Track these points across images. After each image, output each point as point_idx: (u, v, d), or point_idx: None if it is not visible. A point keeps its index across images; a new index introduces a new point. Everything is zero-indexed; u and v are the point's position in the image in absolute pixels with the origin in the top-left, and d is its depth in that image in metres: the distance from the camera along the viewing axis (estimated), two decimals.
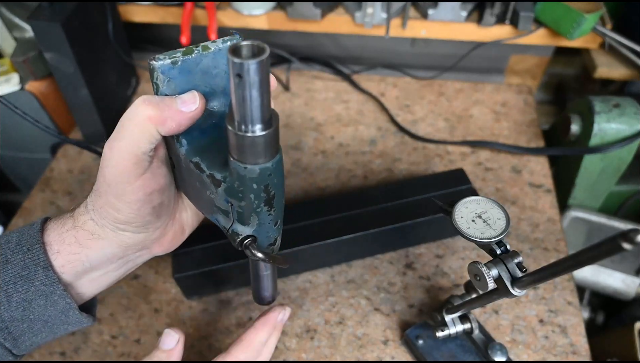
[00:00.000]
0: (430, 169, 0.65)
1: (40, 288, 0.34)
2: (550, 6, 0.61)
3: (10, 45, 0.65)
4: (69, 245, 0.35)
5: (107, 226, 0.35)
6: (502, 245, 0.36)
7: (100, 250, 0.36)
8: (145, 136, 0.31)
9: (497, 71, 0.77)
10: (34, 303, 0.35)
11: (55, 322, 0.36)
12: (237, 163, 0.28)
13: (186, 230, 0.41)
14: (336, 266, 0.55)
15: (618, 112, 0.59)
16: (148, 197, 0.34)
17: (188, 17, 0.67)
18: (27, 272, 0.34)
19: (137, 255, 0.39)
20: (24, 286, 0.34)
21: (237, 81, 0.24)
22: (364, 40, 0.75)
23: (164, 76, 0.31)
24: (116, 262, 0.37)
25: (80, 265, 0.35)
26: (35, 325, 0.36)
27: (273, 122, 0.27)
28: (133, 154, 0.31)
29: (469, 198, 0.38)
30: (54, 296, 0.35)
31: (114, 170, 0.32)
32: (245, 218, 0.32)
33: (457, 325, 0.45)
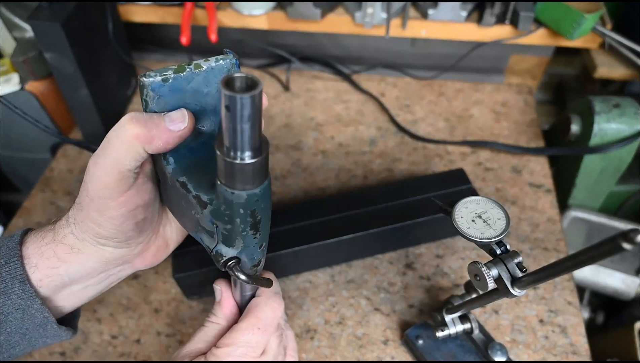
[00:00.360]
0: (430, 169, 0.65)
1: (17, 302, 0.34)
2: (550, 6, 0.61)
3: (10, 45, 0.65)
4: (48, 259, 0.34)
5: (87, 240, 0.34)
6: (502, 245, 0.36)
7: (79, 265, 0.35)
8: (131, 154, 0.30)
9: (497, 71, 0.77)
10: (10, 317, 0.34)
11: (33, 335, 0.36)
12: (224, 187, 0.28)
13: (170, 245, 0.40)
14: (336, 266, 0.55)
15: (618, 112, 0.59)
16: (131, 213, 0.33)
17: (188, 17, 0.67)
18: (4, 285, 0.33)
19: (118, 269, 0.38)
20: (1, 299, 0.33)
21: (227, 113, 0.24)
22: (364, 40, 0.75)
23: (153, 93, 0.30)
24: (97, 276, 0.37)
25: (59, 280, 0.35)
26: (12, 338, 0.35)
27: (263, 150, 0.27)
28: (117, 170, 0.31)
29: (469, 199, 0.38)
30: (31, 310, 0.34)
31: (97, 186, 0.31)
32: (230, 241, 0.32)
33: (457, 325, 0.45)
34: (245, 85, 0.25)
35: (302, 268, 0.55)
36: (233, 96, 0.23)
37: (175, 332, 0.51)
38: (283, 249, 0.50)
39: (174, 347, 0.50)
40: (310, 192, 0.63)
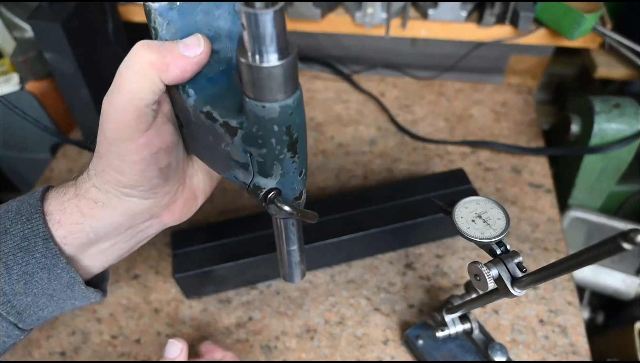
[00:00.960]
0: (430, 169, 0.65)
1: (42, 260, 0.32)
2: (550, 6, 0.61)
3: (10, 45, 0.65)
4: (71, 214, 0.32)
5: (111, 191, 0.32)
6: (502, 245, 0.36)
7: (105, 220, 0.33)
8: (147, 85, 0.28)
9: (497, 71, 0.77)
10: (35, 277, 0.32)
11: (61, 297, 0.34)
12: (254, 102, 0.25)
13: (199, 197, 0.37)
14: (336, 266, 0.55)
15: (618, 112, 0.59)
16: (154, 157, 0.31)
17: None
18: (27, 243, 0.32)
19: (146, 224, 0.35)
20: (24, 258, 0.32)
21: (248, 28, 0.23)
22: (364, 40, 0.75)
23: (162, 19, 0.28)
24: (124, 232, 0.34)
25: (84, 236, 0.33)
26: (39, 300, 0.33)
27: (290, 51, 0.24)
28: (134, 106, 0.28)
29: (469, 199, 0.38)
30: (56, 269, 0.32)
31: (115, 125, 0.29)
32: (267, 169, 0.29)
33: (457, 325, 0.45)
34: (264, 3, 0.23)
35: None
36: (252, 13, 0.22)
37: (175, 332, 0.51)
38: None
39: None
40: (310, 192, 0.63)
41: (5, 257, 0.32)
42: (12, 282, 0.32)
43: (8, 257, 0.32)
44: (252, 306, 0.53)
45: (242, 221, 0.53)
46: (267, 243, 0.51)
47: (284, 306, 0.52)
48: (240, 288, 0.54)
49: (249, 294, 0.54)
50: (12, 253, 0.32)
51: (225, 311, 0.52)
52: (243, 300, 0.53)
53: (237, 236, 0.51)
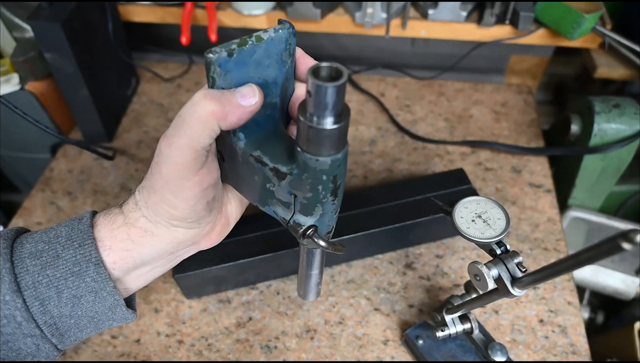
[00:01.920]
0: (430, 169, 0.65)
1: (91, 284, 0.34)
2: (550, 6, 0.61)
3: (10, 45, 0.65)
4: (122, 241, 0.35)
5: (161, 223, 0.34)
6: (502, 245, 0.36)
7: (152, 247, 0.35)
8: (207, 131, 0.30)
9: (497, 71, 0.77)
10: (83, 300, 0.34)
11: (102, 318, 0.36)
12: (308, 155, 0.28)
13: (231, 223, 0.40)
14: (336, 266, 0.55)
15: (618, 112, 0.59)
16: (204, 192, 0.33)
17: (188, 17, 0.67)
18: (79, 268, 0.34)
19: (186, 250, 0.38)
20: (75, 282, 0.34)
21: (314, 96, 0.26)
22: (364, 40, 0.75)
23: (220, 69, 0.30)
24: (166, 257, 0.37)
25: (131, 262, 0.35)
26: (81, 321, 0.35)
27: (345, 115, 0.28)
28: (193, 149, 0.31)
29: (469, 199, 0.38)
30: (103, 292, 0.34)
31: (174, 166, 0.31)
32: (309, 209, 0.32)
33: (457, 325, 0.45)
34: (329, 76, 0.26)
35: None
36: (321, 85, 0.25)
37: (175, 332, 0.51)
38: (283, 249, 0.50)
39: (174, 347, 0.50)
40: None
41: (57, 281, 0.33)
42: (60, 305, 0.34)
43: (60, 281, 0.33)
44: (252, 306, 0.53)
45: (242, 221, 0.53)
46: (267, 243, 0.51)
47: (284, 306, 0.52)
48: (240, 288, 0.54)
49: (249, 294, 0.54)
50: (63, 278, 0.33)
51: (226, 311, 0.52)
52: (243, 300, 0.53)
53: (237, 236, 0.51)
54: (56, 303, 0.34)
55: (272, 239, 0.51)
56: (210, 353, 0.49)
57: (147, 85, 0.78)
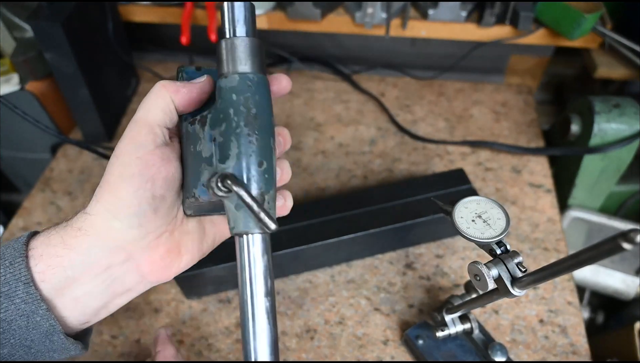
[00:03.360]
0: (430, 169, 0.65)
1: (21, 307, 0.31)
2: (550, 6, 0.61)
3: (10, 45, 0.65)
4: (54, 247, 0.32)
5: (99, 214, 0.32)
6: (502, 245, 0.36)
7: (84, 252, 0.32)
8: (161, 104, 0.33)
9: (497, 71, 0.77)
10: (14, 325, 0.31)
11: (40, 348, 0.33)
12: (221, 79, 0.30)
13: (182, 255, 0.36)
14: (336, 266, 0.55)
15: (618, 112, 0.59)
16: (151, 179, 0.32)
17: (188, 17, 0.67)
18: (7, 288, 0.31)
19: (123, 269, 0.34)
20: (4, 304, 0.31)
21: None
22: (364, 40, 0.75)
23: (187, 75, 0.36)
24: (100, 275, 0.33)
25: (61, 273, 0.32)
26: (16, 352, 0.33)
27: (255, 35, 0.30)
28: (148, 123, 0.33)
29: (469, 199, 0.38)
30: (36, 316, 0.32)
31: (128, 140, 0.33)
32: (225, 150, 0.29)
33: (457, 325, 0.45)
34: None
35: (302, 268, 0.55)
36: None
37: (175, 332, 0.51)
38: (283, 249, 0.50)
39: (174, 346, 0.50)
40: (311, 192, 0.63)
41: None
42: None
43: None
44: None
45: None
46: None
47: (284, 306, 0.52)
48: None
49: None
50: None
51: (225, 311, 0.52)
52: None
53: None
54: None
55: (272, 239, 0.51)
56: (210, 353, 0.49)
57: (147, 85, 0.78)
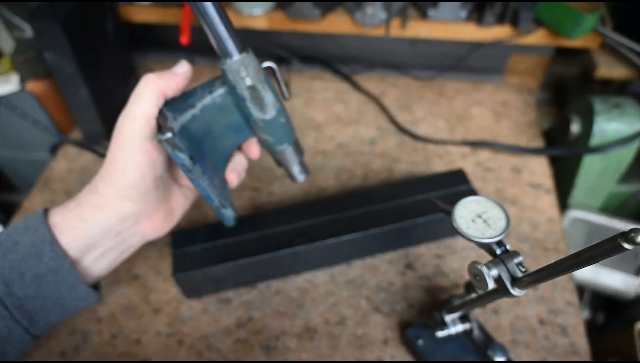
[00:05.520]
0: (430, 169, 0.65)
1: (50, 264, 0.37)
2: (550, 6, 0.61)
3: (10, 45, 0.65)
4: (74, 222, 0.39)
5: (110, 194, 0.39)
6: (502, 245, 0.36)
7: (100, 223, 0.39)
8: (152, 95, 0.38)
9: (497, 71, 0.77)
10: (44, 280, 0.37)
11: (66, 299, 0.39)
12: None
13: (175, 215, 0.46)
14: (336, 266, 0.55)
15: (618, 112, 0.59)
16: (153, 164, 0.39)
17: (188, 17, 0.67)
18: (36, 250, 0.37)
19: (131, 232, 0.42)
20: (35, 263, 0.37)
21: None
22: (363, 41, 0.75)
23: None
24: (114, 239, 0.41)
25: (82, 241, 0.39)
26: (48, 303, 0.38)
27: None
28: (144, 115, 0.38)
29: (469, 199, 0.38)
30: (62, 271, 0.38)
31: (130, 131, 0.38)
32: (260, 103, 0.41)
33: (457, 325, 0.45)
34: None
35: (302, 268, 0.55)
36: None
37: (175, 332, 0.51)
38: (283, 249, 0.50)
39: (174, 347, 0.50)
40: (310, 192, 0.63)
41: (18, 264, 0.37)
42: (24, 287, 0.37)
43: (20, 264, 0.37)
44: (252, 306, 0.53)
45: (242, 221, 0.53)
46: (267, 243, 0.51)
47: (283, 306, 0.52)
48: (240, 288, 0.54)
49: (249, 294, 0.54)
50: (24, 260, 0.37)
51: (225, 311, 0.52)
52: (243, 300, 0.53)
53: (236, 236, 0.51)
54: (20, 285, 0.37)
55: (272, 239, 0.51)
56: (210, 353, 0.49)
57: None
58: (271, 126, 0.42)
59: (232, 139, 0.44)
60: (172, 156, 0.38)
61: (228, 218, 0.47)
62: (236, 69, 0.38)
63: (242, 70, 0.38)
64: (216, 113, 0.41)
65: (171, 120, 0.38)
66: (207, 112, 0.40)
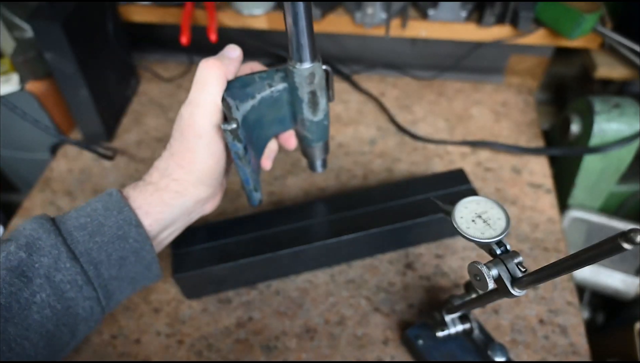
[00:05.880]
0: (430, 169, 0.65)
1: (134, 245, 0.39)
2: (550, 6, 0.61)
3: (10, 45, 0.65)
4: (156, 206, 0.40)
5: (189, 181, 0.41)
6: (502, 245, 0.36)
7: (179, 207, 0.41)
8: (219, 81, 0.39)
9: (497, 71, 0.77)
10: (127, 261, 0.39)
11: (139, 278, 0.41)
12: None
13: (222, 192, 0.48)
14: (336, 266, 0.55)
15: (618, 112, 0.59)
16: (223, 150, 0.41)
17: (188, 17, 0.67)
18: (122, 231, 0.38)
19: (198, 212, 0.45)
20: (121, 244, 0.38)
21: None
22: (363, 41, 0.75)
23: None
24: (184, 218, 0.44)
25: (163, 223, 0.41)
26: (123, 283, 0.40)
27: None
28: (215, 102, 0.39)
29: (469, 199, 0.38)
30: (142, 252, 0.39)
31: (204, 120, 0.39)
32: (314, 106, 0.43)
33: (457, 325, 0.45)
34: None
35: (302, 268, 0.55)
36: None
37: (175, 332, 0.51)
38: (283, 249, 0.50)
39: (174, 347, 0.50)
40: (310, 192, 0.63)
41: (106, 246, 0.38)
42: (110, 268, 0.38)
43: (108, 245, 0.38)
44: (252, 306, 0.53)
45: (242, 221, 0.53)
46: (267, 243, 0.51)
47: (283, 306, 0.52)
48: (240, 288, 0.54)
49: (248, 294, 0.54)
50: (111, 242, 0.38)
51: (225, 311, 0.52)
52: (243, 300, 0.53)
53: (236, 236, 0.51)
54: (107, 266, 0.38)
55: (272, 239, 0.51)
56: (210, 353, 0.49)
57: (147, 85, 0.78)
58: (315, 126, 0.45)
59: (275, 129, 0.46)
60: (230, 145, 0.39)
61: (256, 200, 0.48)
62: (306, 76, 0.40)
63: (310, 77, 0.40)
64: (270, 105, 0.43)
65: (234, 110, 0.39)
66: (263, 103, 0.42)
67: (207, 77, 0.38)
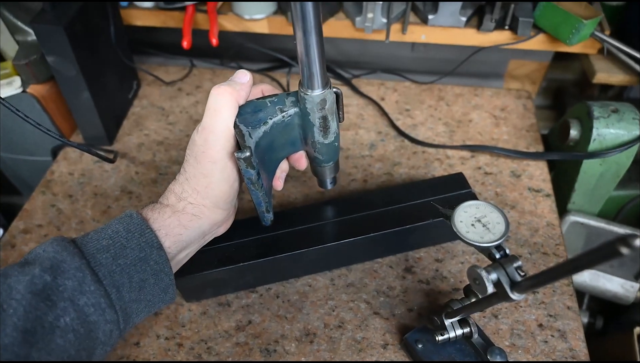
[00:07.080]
0: (430, 173, 0.65)
1: (154, 267, 0.39)
2: (549, 12, 0.62)
3: (12, 49, 0.65)
4: (175, 228, 0.41)
5: (205, 205, 0.42)
6: (501, 249, 0.36)
7: (197, 229, 0.42)
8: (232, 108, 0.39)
9: (496, 76, 0.78)
10: (147, 283, 0.38)
11: (154, 300, 0.40)
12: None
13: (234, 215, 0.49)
14: (336, 270, 0.55)
15: (617, 118, 0.59)
16: (237, 175, 0.42)
17: (189, 21, 0.67)
18: (144, 253, 0.38)
19: (211, 234, 0.46)
20: (142, 267, 0.38)
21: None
22: (364, 45, 0.76)
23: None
24: (200, 241, 0.44)
25: (181, 245, 0.41)
26: (141, 305, 0.39)
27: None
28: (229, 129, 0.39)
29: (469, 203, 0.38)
30: (161, 274, 0.39)
31: (218, 147, 0.39)
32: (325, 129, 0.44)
33: (457, 329, 0.45)
34: None
35: (301, 272, 0.55)
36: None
37: (175, 335, 0.51)
38: (283, 253, 0.50)
39: (173, 349, 0.50)
40: (310, 196, 0.63)
41: (128, 268, 0.38)
42: (131, 290, 0.38)
43: (130, 268, 0.38)
44: (252, 309, 0.53)
45: (241, 225, 0.53)
46: (267, 247, 0.51)
47: (283, 309, 0.53)
48: (239, 292, 0.54)
49: (248, 297, 0.54)
50: (133, 264, 0.38)
51: (225, 314, 0.52)
52: (243, 303, 0.53)
53: (236, 240, 0.51)
54: (128, 289, 0.38)
55: (272, 243, 0.51)
56: (209, 357, 0.49)
57: (148, 88, 0.78)
58: (326, 148, 0.46)
59: (286, 151, 0.47)
60: (243, 171, 0.40)
61: (268, 221, 0.49)
62: (317, 102, 0.40)
63: (322, 103, 0.41)
64: (282, 130, 0.43)
65: (247, 137, 0.40)
66: (275, 128, 0.42)
67: (220, 104, 0.39)
